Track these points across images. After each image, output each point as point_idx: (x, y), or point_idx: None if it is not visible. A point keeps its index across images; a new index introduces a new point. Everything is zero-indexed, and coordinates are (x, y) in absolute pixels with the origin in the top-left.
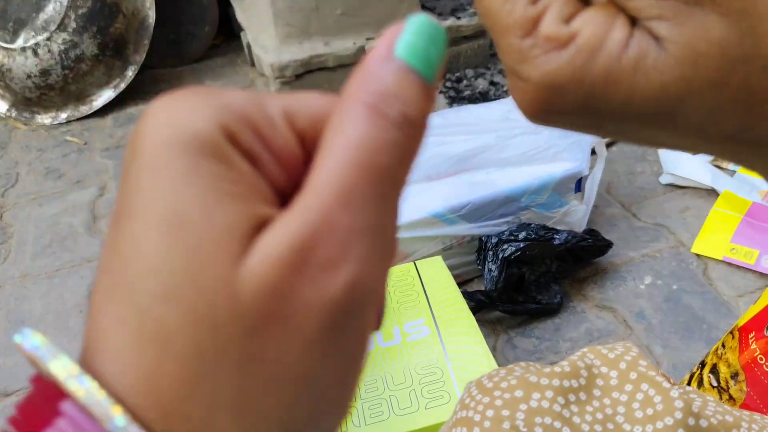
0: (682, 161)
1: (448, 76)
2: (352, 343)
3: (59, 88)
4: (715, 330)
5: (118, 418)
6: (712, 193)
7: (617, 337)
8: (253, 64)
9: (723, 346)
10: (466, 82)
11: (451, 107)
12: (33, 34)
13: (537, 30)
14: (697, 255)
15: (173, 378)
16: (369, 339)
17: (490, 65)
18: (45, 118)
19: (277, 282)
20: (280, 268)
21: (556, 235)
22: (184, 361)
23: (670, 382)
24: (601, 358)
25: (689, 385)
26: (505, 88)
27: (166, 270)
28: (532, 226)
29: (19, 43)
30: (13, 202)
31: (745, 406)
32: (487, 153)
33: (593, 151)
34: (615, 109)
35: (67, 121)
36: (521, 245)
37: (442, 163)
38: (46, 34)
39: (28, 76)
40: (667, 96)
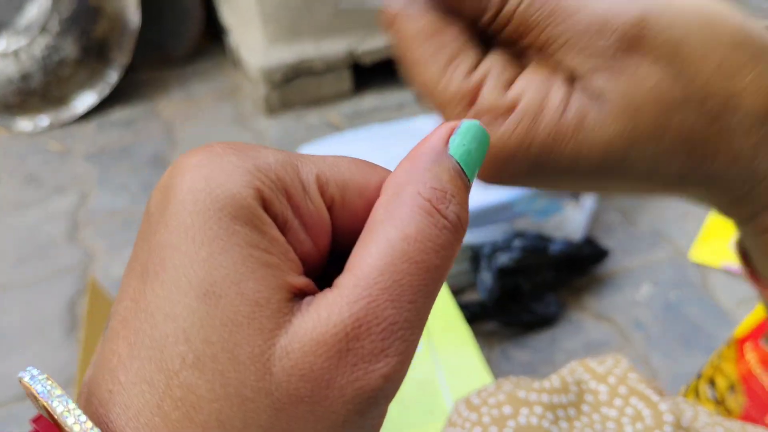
0: None
1: None
2: (374, 424)
3: (41, 93)
4: (714, 339)
5: None
6: None
7: (615, 347)
8: (239, 67)
9: (720, 357)
10: None
11: None
12: (15, 37)
13: (478, 101)
14: (695, 263)
15: None
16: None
17: None
18: (26, 124)
19: (314, 367)
20: (320, 355)
21: (551, 244)
22: (206, 430)
23: (662, 394)
24: (590, 372)
25: (686, 396)
26: None
27: (201, 339)
28: (528, 234)
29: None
30: None
31: (743, 418)
32: None
33: None
34: (564, 168)
35: (49, 127)
36: (516, 254)
37: None
38: (27, 38)
39: (10, 81)
40: (611, 150)
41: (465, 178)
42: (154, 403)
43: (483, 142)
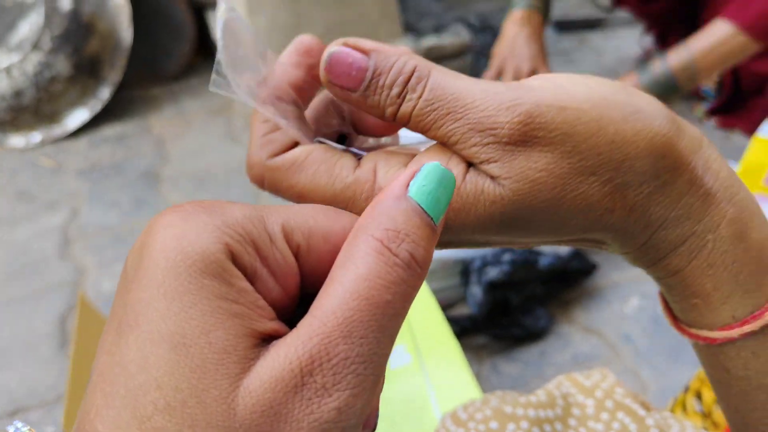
0: None
1: None
2: None
3: (33, 110)
4: None
5: None
6: None
7: (604, 361)
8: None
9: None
10: None
11: None
12: (7, 54)
13: (377, 184)
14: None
15: None
16: None
17: None
18: (18, 140)
19: (273, 403)
20: (278, 391)
21: (540, 258)
22: None
23: (649, 408)
24: (577, 386)
25: (674, 409)
26: None
27: (171, 386)
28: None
29: None
30: None
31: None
32: None
33: None
34: (474, 230)
35: (41, 143)
36: (505, 268)
37: None
38: (20, 55)
39: (2, 98)
40: (513, 218)
41: (426, 218)
42: None
43: (446, 183)
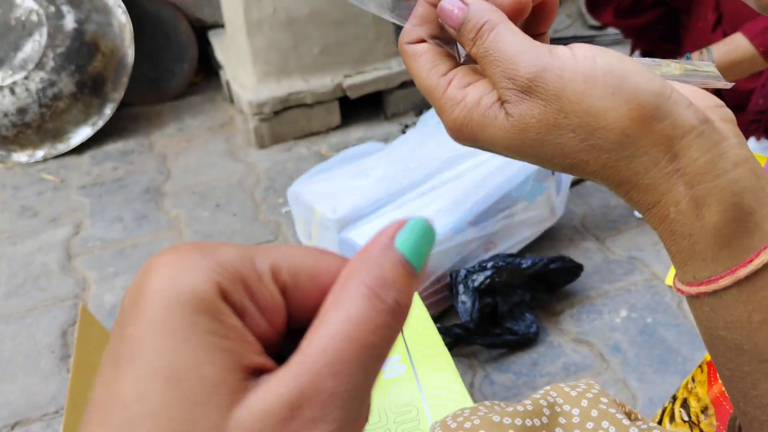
0: None
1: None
2: None
3: (36, 126)
4: (690, 362)
5: None
6: None
7: (594, 370)
8: (232, 101)
9: (693, 380)
10: None
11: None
12: (11, 72)
13: (446, 92)
14: (671, 287)
15: None
16: None
17: None
18: (21, 156)
19: None
20: (268, 423)
21: (523, 261)
22: None
23: (631, 418)
24: (563, 395)
25: (661, 419)
26: None
27: (165, 417)
28: (500, 254)
29: None
30: None
31: None
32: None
33: None
34: (488, 143)
35: (44, 159)
36: (490, 272)
37: (426, 165)
38: (23, 73)
39: (5, 115)
40: (510, 145)
41: (410, 267)
42: None
43: (427, 236)
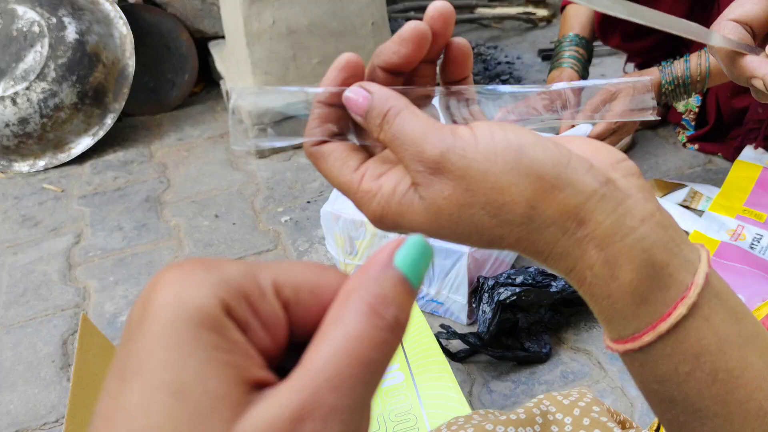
0: None
1: None
2: None
3: (37, 137)
4: None
5: None
6: None
7: (592, 379)
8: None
9: None
10: None
11: None
12: (12, 83)
13: (361, 186)
14: None
15: None
16: None
17: None
18: (22, 166)
19: None
20: None
21: (553, 282)
22: None
23: (625, 426)
24: (556, 404)
25: (658, 427)
26: None
27: (171, 429)
28: (531, 270)
29: None
30: None
31: None
32: None
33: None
34: (409, 228)
35: (45, 169)
36: (517, 290)
37: None
38: (25, 84)
39: (6, 125)
40: (428, 227)
41: (408, 285)
42: None
43: (425, 254)
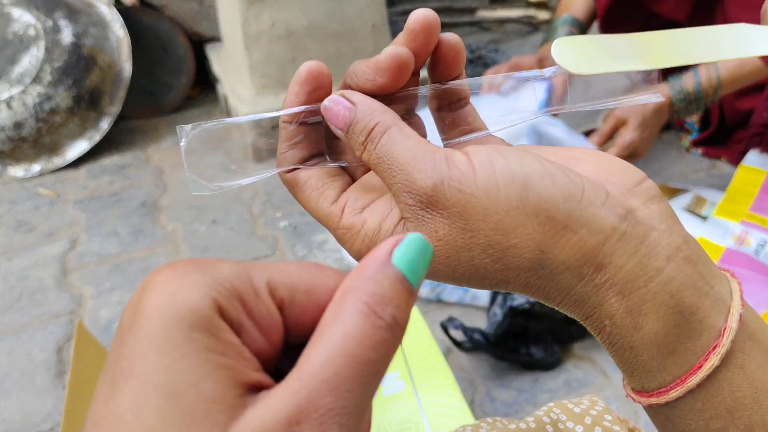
0: None
1: None
2: None
3: (32, 141)
4: None
5: None
6: None
7: (597, 387)
8: (229, 115)
9: None
10: None
11: None
12: (7, 87)
13: (342, 222)
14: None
15: None
16: None
17: None
18: (17, 171)
19: None
20: None
21: None
22: None
23: None
24: (567, 412)
25: None
26: None
27: None
28: None
29: None
30: None
31: None
32: None
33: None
34: None
35: (40, 174)
36: (532, 299)
37: None
38: (20, 87)
39: (1, 129)
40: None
41: (407, 284)
42: None
43: (424, 252)
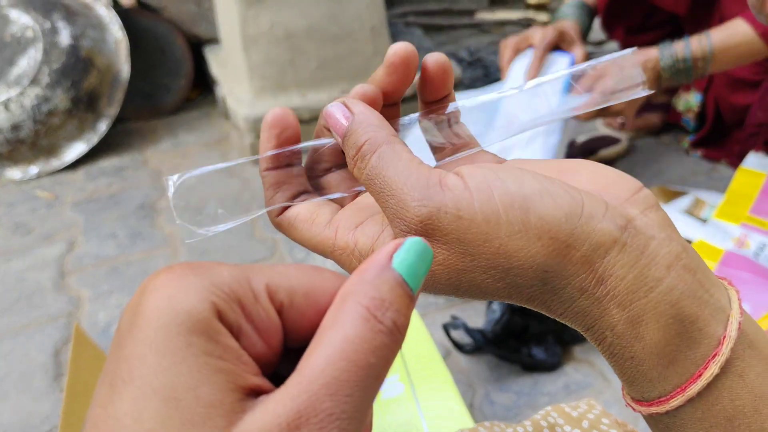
0: None
1: None
2: None
3: (30, 143)
4: None
5: None
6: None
7: (596, 390)
8: (227, 117)
9: None
10: None
11: None
12: (5, 89)
13: (336, 242)
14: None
15: None
16: None
17: None
18: (15, 173)
19: None
20: None
21: None
22: None
23: None
24: (564, 416)
25: None
26: None
27: None
28: None
29: None
30: None
31: None
32: None
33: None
34: None
35: (38, 176)
36: None
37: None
38: (18, 89)
39: None
40: (425, 289)
41: (407, 288)
42: None
43: (425, 256)
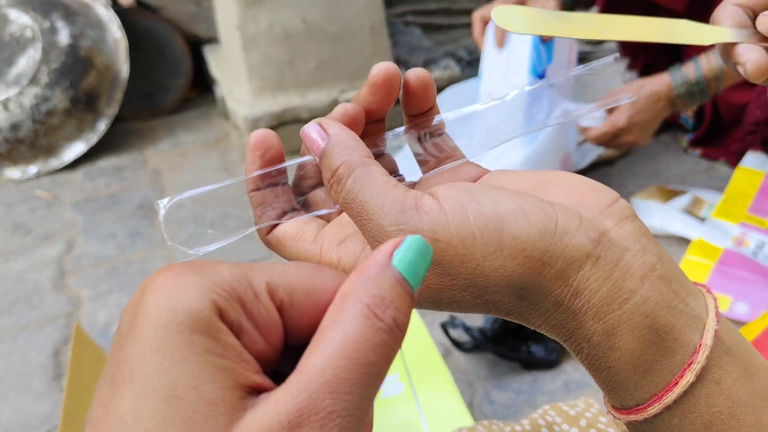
0: (653, 211)
1: None
2: None
3: (29, 142)
4: None
5: None
6: (684, 241)
7: (595, 388)
8: (227, 117)
9: None
10: None
11: None
12: (4, 88)
13: (321, 258)
14: None
15: None
16: None
17: None
18: (14, 173)
19: None
20: None
21: None
22: None
23: None
24: (562, 415)
25: None
26: None
27: None
28: None
29: None
30: None
31: None
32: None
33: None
34: None
35: (37, 175)
36: None
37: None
38: (17, 89)
39: None
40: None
41: (407, 286)
42: None
43: (425, 254)
